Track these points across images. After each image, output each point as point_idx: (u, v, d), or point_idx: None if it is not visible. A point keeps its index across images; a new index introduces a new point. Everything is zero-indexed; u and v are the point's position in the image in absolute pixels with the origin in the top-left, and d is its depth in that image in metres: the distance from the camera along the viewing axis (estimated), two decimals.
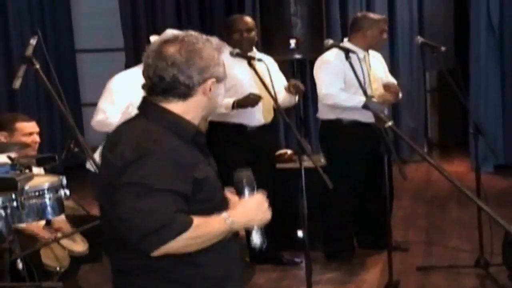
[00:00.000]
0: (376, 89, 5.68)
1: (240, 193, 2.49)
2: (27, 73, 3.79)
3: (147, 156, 2.30)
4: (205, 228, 2.34)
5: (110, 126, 4.56)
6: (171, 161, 2.31)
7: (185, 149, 2.38)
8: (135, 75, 4.96)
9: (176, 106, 2.42)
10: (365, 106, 2.45)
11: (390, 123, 2.63)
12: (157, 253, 2.28)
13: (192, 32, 2.46)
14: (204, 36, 2.44)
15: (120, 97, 4.85)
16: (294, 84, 5.40)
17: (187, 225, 2.28)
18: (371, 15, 5.92)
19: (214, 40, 2.45)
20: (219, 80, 2.43)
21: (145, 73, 2.45)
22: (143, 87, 2.49)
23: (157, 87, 2.41)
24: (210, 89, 2.41)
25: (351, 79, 5.56)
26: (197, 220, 2.31)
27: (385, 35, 5.83)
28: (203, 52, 2.38)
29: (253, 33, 5.50)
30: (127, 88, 4.83)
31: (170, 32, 5.02)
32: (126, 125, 2.48)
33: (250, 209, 2.45)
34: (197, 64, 2.37)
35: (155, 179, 2.27)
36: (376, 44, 5.79)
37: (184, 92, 2.39)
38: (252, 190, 2.50)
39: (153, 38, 4.98)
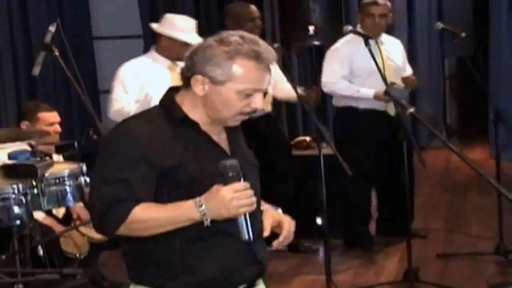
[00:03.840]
0: (389, 77, 5.60)
1: (225, 183, 2.32)
2: (46, 60, 3.79)
3: (113, 141, 2.42)
4: (153, 213, 2.34)
5: (128, 115, 4.56)
6: (132, 147, 2.36)
7: (163, 135, 2.39)
8: (144, 63, 5.01)
9: (181, 95, 2.47)
10: (387, 93, 2.42)
11: (412, 110, 2.60)
12: (117, 235, 2.37)
13: (230, 34, 2.42)
14: (232, 39, 2.38)
15: (132, 85, 4.87)
16: (309, 95, 5.39)
17: (125, 212, 2.32)
18: None
19: (242, 47, 2.37)
20: (213, 80, 2.37)
21: None
22: None
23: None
24: (201, 85, 2.39)
25: (359, 68, 5.54)
26: (142, 207, 2.32)
27: (376, 19, 5.58)
28: (208, 50, 2.38)
29: (260, 21, 5.52)
30: (137, 76, 4.86)
31: (168, 16, 5.07)
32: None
33: (223, 198, 2.29)
34: (196, 57, 2.40)
35: (106, 168, 2.38)
36: (367, 29, 5.51)
37: (185, 81, 2.44)
38: (238, 180, 2.34)
39: (154, 26, 5.02)
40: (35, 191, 3.64)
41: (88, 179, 3.87)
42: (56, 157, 4.46)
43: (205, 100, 2.41)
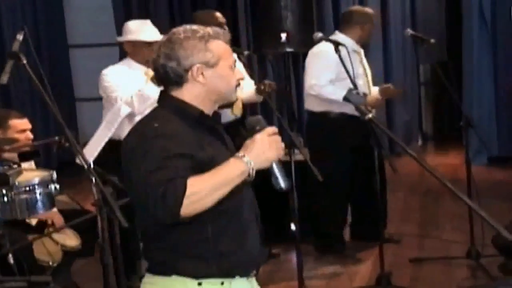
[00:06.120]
0: (370, 81, 5.79)
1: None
2: (21, 69, 3.78)
3: (148, 139, 2.47)
4: (216, 179, 2.40)
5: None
6: (170, 141, 2.45)
7: (187, 132, 2.52)
8: (121, 69, 5.11)
9: (178, 93, 2.60)
10: (346, 99, 2.48)
11: (370, 115, 2.64)
12: (182, 216, 2.36)
13: (186, 26, 2.64)
14: (195, 27, 2.62)
15: (118, 82, 4.97)
16: (269, 84, 5.40)
17: (182, 187, 2.35)
18: (366, 9, 6.04)
19: (206, 30, 2.61)
20: (208, 65, 2.57)
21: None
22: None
23: (158, 78, 2.64)
24: (200, 75, 2.57)
25: (344, 72, 5.59)
26: (194, 179, 2.37)
27: (373, 27, 5.98)
28: (185, 42, 2.57)
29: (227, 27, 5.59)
30: (118, 78, 4.97)
31: (124, 25, 5.23)
32: (144, 116, 2.69)
33: (262, 143, 2.46)
34: (178, 53, 2.56)
35: (148, 163, 2.41)
36: (369, 38, 5.98)
37: (176, 80, 2.58)
38: None
39: (117, 38, 5.29)
40: (5, 199, 3.64)
41: (58, 186, 3.88)
42: (27, 164, 4.46)
43: (207, 86, 2.59)
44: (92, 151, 4.21)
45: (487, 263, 5.22)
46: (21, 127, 4.77)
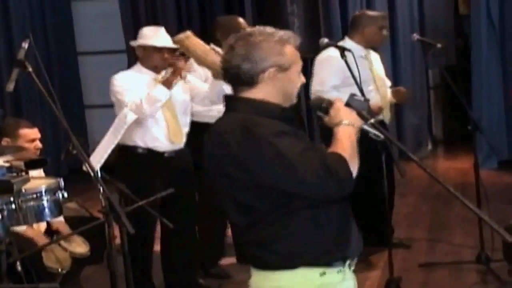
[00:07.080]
0: (381, 86, 5.74)
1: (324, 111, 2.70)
2: (30, 76, 3.79)
3: (261, 138, 2.49)
4: (346, 145, 2.62)
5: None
6: (280, 133, 2.52)
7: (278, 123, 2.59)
8: (131, 75, 5.12)
9: (249, 94, 2.65)
10: (347, 104, 2.52)
11: (372, 120, 2.66)
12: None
13: (260, 27, 2.70)
14: (270, 30, 2.67)
15: (129, 87, 4.97)
16: None
17: (341, 157, 2.55)
18: (369, 12, 5.98)
19: (280, 34, 2.66)
20: (282, 68, 2.63)
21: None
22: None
23: (227, 78, 2.70)
24: (274, 77, 2.62)
25: (351, 77, 5.58)
26: (338, 152, 2.57)
27: (384, 32, 5.85)
28: (262, 44, 2.61)
29: None
30: (129, 83, 4.97)
31: (140, 30, 5.20)
32: (219, 124, 2.68)
33: (344, 109, 2.66)
34: (255, 56, 2.60)
35: (286, 151, 2.47)
36: (375, 41, 5.84)
37: (248, 81, 2.63)
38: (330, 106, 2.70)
39: (131, 42, 5.22)
40: (13, 206, 3.63)
41: (65, 193, 3.88)
42: (37, 172, 4.47)
43: (277, 88, 2.65)
44: (98, 158, 4.22)
45: (497, 267, 5.19)
46: (30, 136, 4.80)
